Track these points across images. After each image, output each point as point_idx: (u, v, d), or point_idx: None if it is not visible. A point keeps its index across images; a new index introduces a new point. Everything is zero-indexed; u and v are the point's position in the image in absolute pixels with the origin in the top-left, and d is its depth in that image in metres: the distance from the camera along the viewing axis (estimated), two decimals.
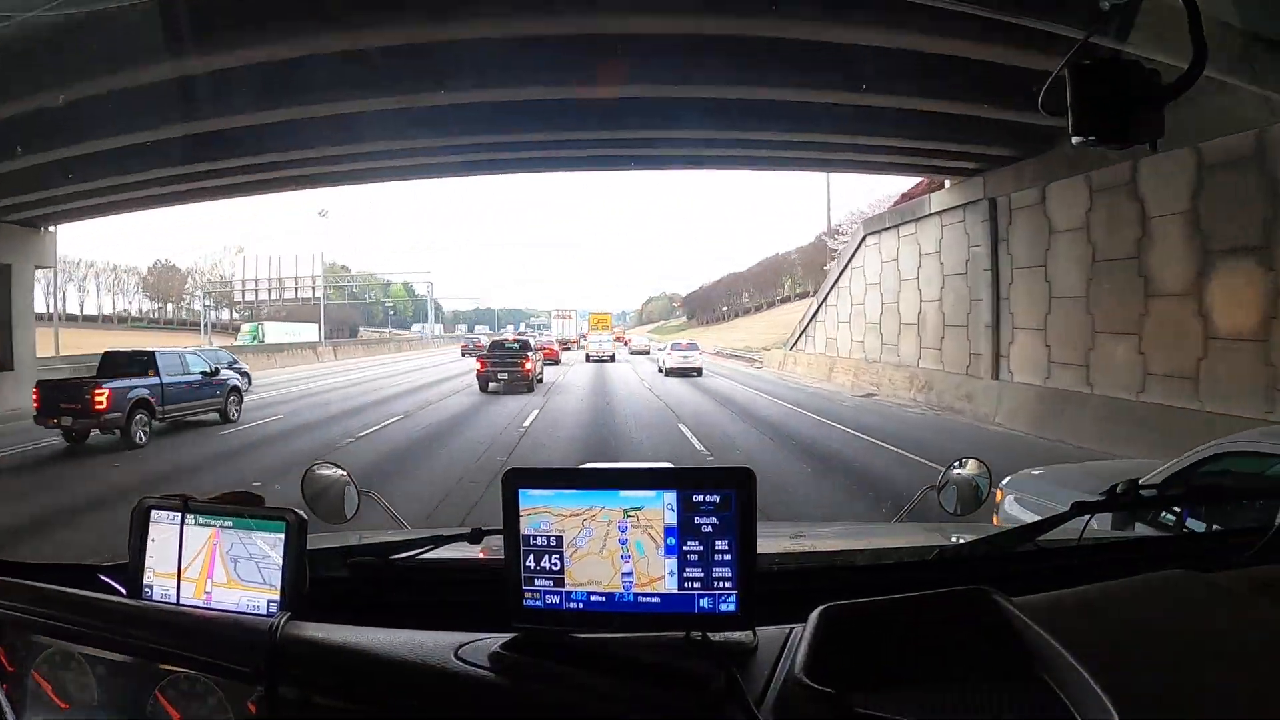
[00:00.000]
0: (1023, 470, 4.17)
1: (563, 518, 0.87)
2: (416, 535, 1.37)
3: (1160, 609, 0.96)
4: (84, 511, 6.57)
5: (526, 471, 0.89)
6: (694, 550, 0.86)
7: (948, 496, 1.82)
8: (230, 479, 7.82)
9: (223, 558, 1.01)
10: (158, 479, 8.34)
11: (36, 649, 0.98)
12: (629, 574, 0.87)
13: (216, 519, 1.02)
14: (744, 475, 0.86)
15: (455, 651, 0.86)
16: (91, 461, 9.32)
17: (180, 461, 9.47)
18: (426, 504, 6.55)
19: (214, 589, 1.00)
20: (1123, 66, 1.01)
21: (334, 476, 1.74)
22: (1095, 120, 1.00)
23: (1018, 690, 0.77)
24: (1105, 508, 1.28)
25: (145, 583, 1.03)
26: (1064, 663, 0.76)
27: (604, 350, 33.27)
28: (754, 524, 0.86)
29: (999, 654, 0.83)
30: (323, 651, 0.88)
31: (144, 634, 0.93)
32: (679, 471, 0.88)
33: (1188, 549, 1.26)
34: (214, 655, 0.90)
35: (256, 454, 9.70)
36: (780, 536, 1.74)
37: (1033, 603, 0.92)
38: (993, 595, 0.90)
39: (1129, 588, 1.02)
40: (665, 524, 0.86)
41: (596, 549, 0.87)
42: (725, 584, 0.86)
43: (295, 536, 0.99)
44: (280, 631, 0.89)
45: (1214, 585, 1.00)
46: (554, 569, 0.88)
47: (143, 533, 1.03)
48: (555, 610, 0.88)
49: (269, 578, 0.99)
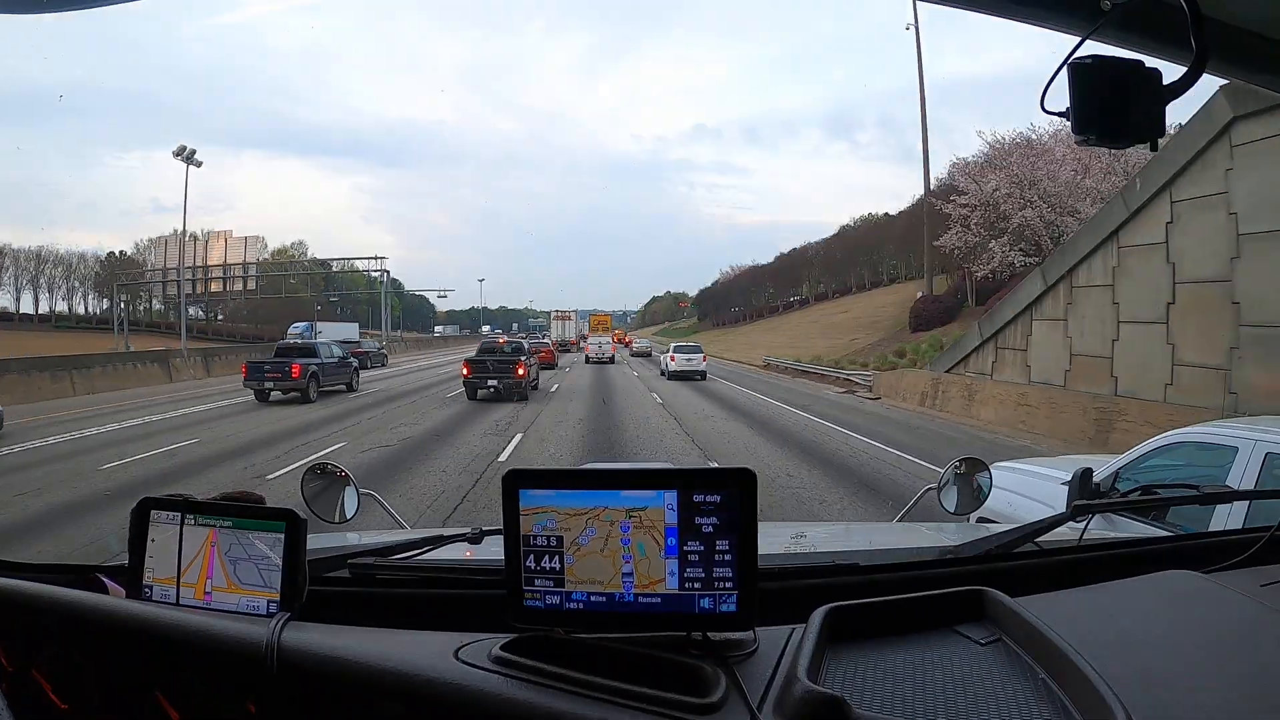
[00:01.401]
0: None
1: (564, 518, 0.87)
2: (416, 535, 1.37)
3: (1160, 609, 0.96)
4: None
5: (527, 472, 0.89)
6: (695, 550, 0.86)
7: (948, 496, 1.83)
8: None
9: (222, 558, 1.00)
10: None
11: (36, 649, 0.98)
12: (629, 574, 0.87)
13: (216, 519, 1.01)
14: (744, 475, 0.86)
15: (455, 652, 0.86)
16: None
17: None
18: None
19: (214, 589, 1.00)
20: (1123, 66, 1.01)
21: (334, 477, 1.74)
22: (1095, 120, 1.00)
23: (1018, 691, 0.76)
24: (1105, 508, 1.28)
25: (145, 583, 1.02)
26: (1064, 663, 0.76)
27: (603, 352, 33.64)
28: (754, 524, 0.86)
29: (1000, 655, 0.83)
30: (323, 652, 0.88)
31: (143, 634, 0.93)
32: (680, 472, 0.88)
33: (1188, 549, 1.25)
34: (214, 656, 0.90)
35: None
36: (781, 537, 1.74)
37: (1033, 603, 0.92)
38: (994, 595, 0.90)
39: (1129, 588, 1.02)
40: (666, 524, 0.86)
41: (597, 549, 0.87)
42: (726, 584, 0.86)
43: (295, 537, 0.98)
44: (280, 632, 0.89)
45: (1214, 585, 1.00)
46: (554, 569, 0.87)
47: (142, 533, 1.03)
48: (556, 610, 0.88)
49: (269, 578, 0.98)
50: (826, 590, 1.05)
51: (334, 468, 1.76)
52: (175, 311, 50.36)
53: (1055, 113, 1.00)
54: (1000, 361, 14.84)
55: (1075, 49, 0.99)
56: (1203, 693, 0.76)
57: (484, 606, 1.02)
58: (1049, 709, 0.73)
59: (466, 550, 1.42)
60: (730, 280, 74.24)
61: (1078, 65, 0.98)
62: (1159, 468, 3.24)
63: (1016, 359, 14.28)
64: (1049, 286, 13.55)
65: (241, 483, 7.73)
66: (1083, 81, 0.98)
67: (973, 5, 1.19)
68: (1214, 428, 3.16)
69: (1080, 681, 0.73)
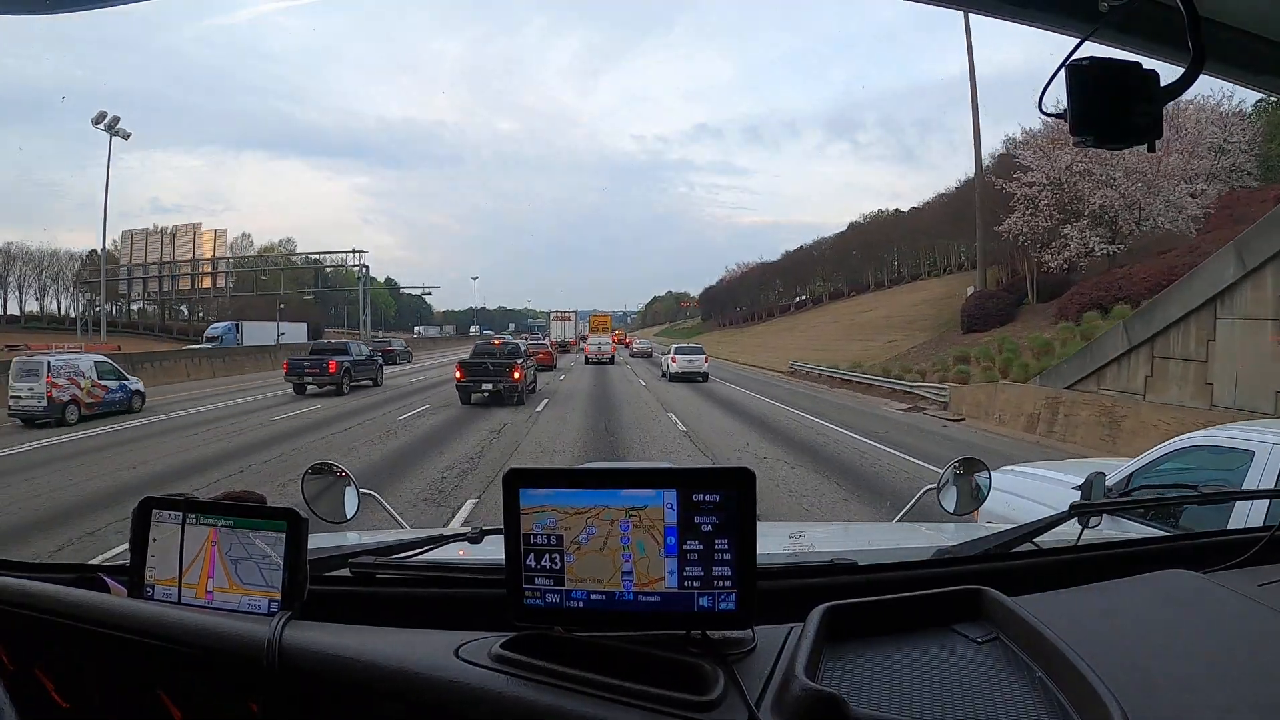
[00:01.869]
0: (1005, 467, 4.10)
1: (565, 517, 0.87)
2: (416, 535, 1.37)
3: (1158, 609, 0.96)
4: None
5: (528, 471, 0.89)
6: (694, 549, 0.86)
7: (948, 496, 1.83)
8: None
9: (223, 558, 1.01)
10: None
11: (37, 649, 0.98)
12: (629, 573, 0.87)
13: (217, 519, 1.02)
14: (744, 475, 0.86)
15: (455, 651, 0.86)
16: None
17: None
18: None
19: (215, 589, 1.00)
20: (1121, 66, 1.01)
21: (334, 477, 1.74)
22: (1094, 120, 1.01)
23: (1016, 689, 0.77)
24: (1103, 508, 1.28)
25: (146, 583, 1.03)
26: (1064, 663, 0.76)
27: (603, 352, 33.93)
28: (754, 523, 0.86)
29: (998, 654, 0.83)
30: (324, 652, 0.88)
31: (145, 634, 0.94)
32: (679, 471, 0.89)
33: (1188, 549, 1.26)
34: (215, 656, 0.90)
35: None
36: (780, 536, 1.74)
37: (1033, 603, 0.92)
38: (992, 595, 0.91)
39: (1127, 587, 1.02)
40: (666, 523, 0.86)
41: (597, 548, 0.87)
42: (725, 583, 0.86)
43: (296, 536, 0.99)
44: (281, 631, 0.89)
45: (1214, 585, 1.00)
46: (555, 568, 0.88)
47: (143, 533, 1.03)
48: (556, 609, 0.88)
49: (269, 578, 0.99)
50: (825, 589, 1.05)
51: (335, 467, 1.76)
52: (161, 310, 48.93)
53: (1053, 114, 1.00)
54: (1159, 376, 11.11)
55: (1073, 50, 0.99)
56: (1200, 692, 0.76)
57: (484, 605, 1.03)
58: (1046, 708, 0.74)
59: (467, 550, 1.42)
60: (736, 278, 71.34)
61: (1075, 66, 0.98)
62: (1173, 471, 3.18)
63: (1188, 373, 10.56)
64: (1248, 271, 9.59)
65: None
66: (1080, 83, 0.99)
67: (973, 5, 1.19)
68: (1230, 431, 3.10)
69: (1077, 680, 0.74)
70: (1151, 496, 2.17)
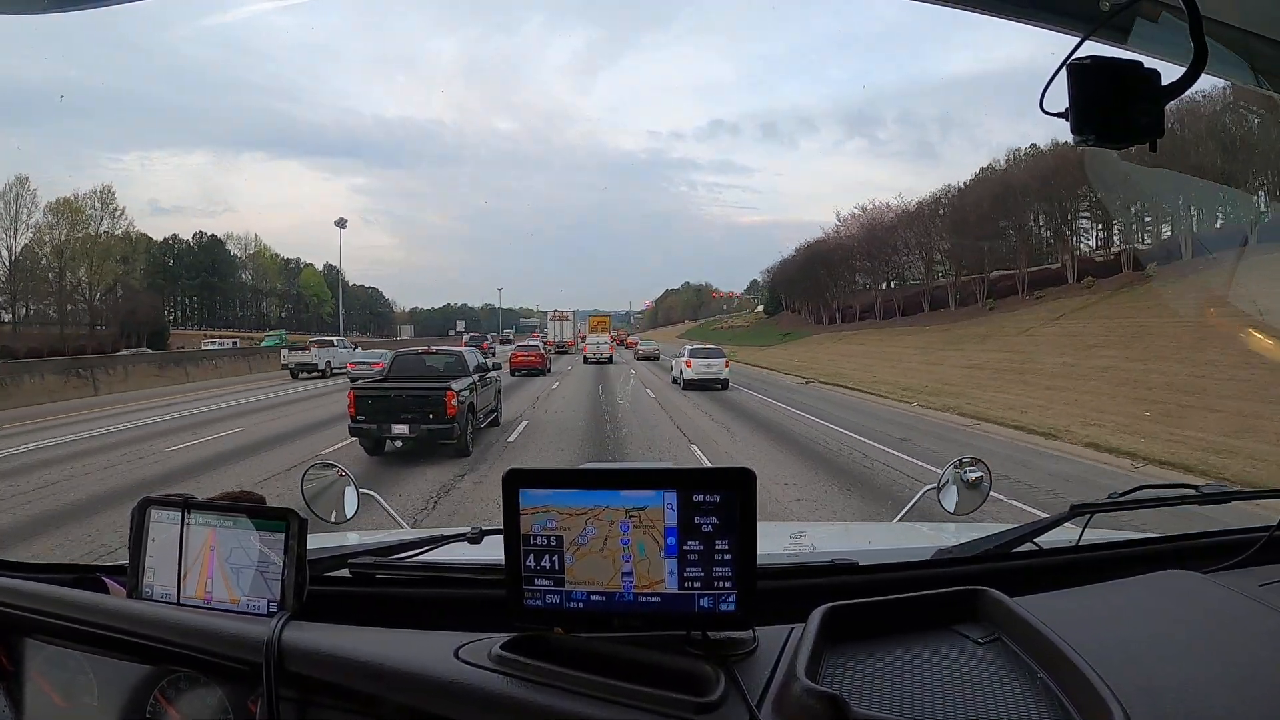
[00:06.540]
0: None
1: (564, 517, 0.87)
2: (416, 535, 1.37)
3: (1160, 609, 0.96)
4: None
5: (527, 472, 0.89)
6: (694, 550, 0.86)
7: (948, 496, 1.83)
8: None
9: (222, 558, 1.00)
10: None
11: (37, 649, 0.98)
12: (629, 574, 0.87)
13: (217, 519, 1.01)
14: (744, 476, 0.86)
15: (455, 651, 0.86)
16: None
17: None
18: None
19: (214, 589, 1.00)
20: (1122, 66, 1.01)
21: (334, 477, 1.74)
22: (1095, 120, 1.01)
23: (1016, 689, 0.77)
24: (1102, 508, 1.28)
25: (145, 583, 1.02)
26: (1064, 662, 0.76)
27: (602, 352, 34.77)
28: (754, 524, 0.86)
29: (998, 654, 0.83)
30: (323, 652, 0.88)
31: (144, 634, 0.93)
32: (680, 472, 0.88)
33: (1186, 549, 1.25)
34: (214, 656, 0.90)
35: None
36: (780, 537, 1.74)
37: (1033, 603, 0.92)
38: (993, 595, 0.91)
39: (1127, 587, 1.02)
40: (666, 524, 0.86)
41: (597, 549, 0.87)
42: (725, 584, 0.86)
43: (295, 537, 0.99)
44: (280, 631, 0.89)
45: (1214, 585, 1.00)
46: (554, 569, 0.87)
47: (142, 533, 1.03)
48: (556, 610, 0.88)
49: (269, 578, 0.98)
50: (825, 590, 1.05)
51: (334, 467, 1.76)
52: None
53: (1054, 113, 1.00)
54: None
55: (1074, 49, 0.99)
56: (1200, 692, 0.76)
57: (484, 606, 1.02)
58: (1047, 708, 0.73)
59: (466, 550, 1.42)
60: (803, 256, 48.82)
61: (1076, 66, 0.98)
62: None
63: None
64: None
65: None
66: (1082, 82, 0.98)
67: (973, 5, 1.19)
68: None
69: (1078, 680, 0.73)
70: (1152, 497, 2.17)
